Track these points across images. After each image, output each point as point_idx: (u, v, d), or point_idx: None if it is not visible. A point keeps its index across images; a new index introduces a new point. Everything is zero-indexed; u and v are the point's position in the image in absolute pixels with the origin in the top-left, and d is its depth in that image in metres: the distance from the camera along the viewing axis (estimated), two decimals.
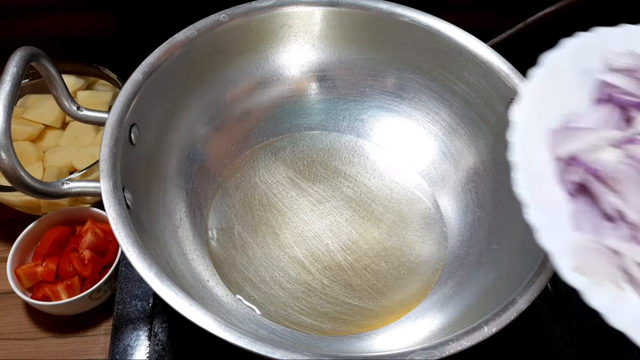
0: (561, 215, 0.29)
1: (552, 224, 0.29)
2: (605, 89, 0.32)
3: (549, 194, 0.30)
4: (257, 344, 0.36)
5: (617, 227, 0.28)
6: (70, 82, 0.69)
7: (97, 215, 0.60)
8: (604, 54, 0.33)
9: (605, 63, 0.32)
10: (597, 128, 0.30)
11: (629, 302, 0.29)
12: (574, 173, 0.29)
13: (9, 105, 0.41)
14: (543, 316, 0.55)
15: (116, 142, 0.46)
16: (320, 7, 0.59)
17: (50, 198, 0.44)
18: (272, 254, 0.57)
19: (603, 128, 0.30)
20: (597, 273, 0.28)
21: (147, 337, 0.54)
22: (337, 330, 0.52)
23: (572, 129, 0.30)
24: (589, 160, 0.29)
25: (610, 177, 0.28)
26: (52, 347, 0.58)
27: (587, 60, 0.33)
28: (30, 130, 0.65)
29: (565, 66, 0.33)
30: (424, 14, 0.57)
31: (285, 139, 0.65)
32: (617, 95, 0.31)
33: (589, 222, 0.29)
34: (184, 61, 0.55)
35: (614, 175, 0.28)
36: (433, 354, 0.37)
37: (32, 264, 0.57)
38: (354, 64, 0.63)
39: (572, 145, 0.29)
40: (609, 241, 0.28)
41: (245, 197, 0.61)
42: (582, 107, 0.31)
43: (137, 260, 0.40)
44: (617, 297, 0.28)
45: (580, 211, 0.29)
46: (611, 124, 0.30)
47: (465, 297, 0.51)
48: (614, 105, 0.31)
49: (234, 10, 0.56)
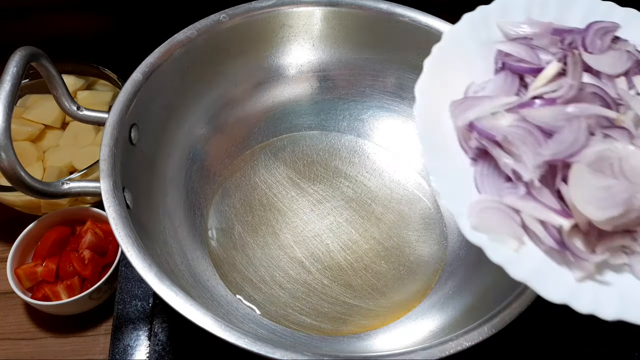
0: (465, 180, 0.31)
1: (456, 188, 0.30)
2: (502, 58, 0.33)
3: (453, 162, 0.31)
4: (257, 344, 0.36)
5: (516, 186, 0.30)
6: (70, 82, 0.69)
7: (97, 215, 0.60)
8: (502, 24, 0.34)
9: (504, 32, 0.34)
10: (495, 96, 0.31)
11: (529, 255, 0.30)
12: (473, 139, 0.31)
13: (9, 105, 0.41)
14: (543, 316, 0.55)
15: (116, 142, 0.46)
16: (320, 7, 0.59)
17: (50, 198, 0.44)
18: (272, 254, 0.57)
19: (501, 95, 0.31)
20: (497, 230, 0.30)
21: (147, 337, 0.54)
22: (337, 330, 0.52)
23: (471, 98, 0.31)
24: (485, 126, 0.30)
25: (505, 140, 0.30)
26: (52, 347, 0.58)
27: (489, 31, 0.35)
28: (30, 130, 0.65)
29: (468, 39, 0.34)
30: (424, 14, 0.57)
31: (285, 139, 0.65)
32: (511, 63, 0.32)
33: (490, 184, 0.31)
34: (184, 61, 0.55)
35: (508, 138, 0.30)
36: (433, 354, 0.37)
37: (32, 264, 0.57)
38: (354, 64, 0.63)
39: (470, 114, 0.31)
40: (508, 200, 0.30)
41: (245, 197, 0.61)
42: (484, 77, 0.33)
43: (137, 260, 0.40)
44: (518, 251, 0.30)
45: (482, 174, 0.31)
46: (510, 91, 0.32)
47: (465, 297, 0.51)
48: (511, 72, 0.32)
49: (234, 10, 0.57)
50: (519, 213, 0.30)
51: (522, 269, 0.29)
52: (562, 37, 0.33)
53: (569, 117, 0.30)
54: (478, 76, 0.33)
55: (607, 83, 0.32)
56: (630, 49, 0.33)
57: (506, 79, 0.33)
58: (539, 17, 0.36)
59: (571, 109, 0.30)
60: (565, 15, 0.36)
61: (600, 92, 0.31)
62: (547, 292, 0.29)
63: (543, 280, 0.29)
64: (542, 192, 0.30)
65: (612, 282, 0.30)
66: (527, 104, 0.31)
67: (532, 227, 0.30)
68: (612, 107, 0.31)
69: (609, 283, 0.30)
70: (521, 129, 0.30)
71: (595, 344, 0.56)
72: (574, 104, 0.30)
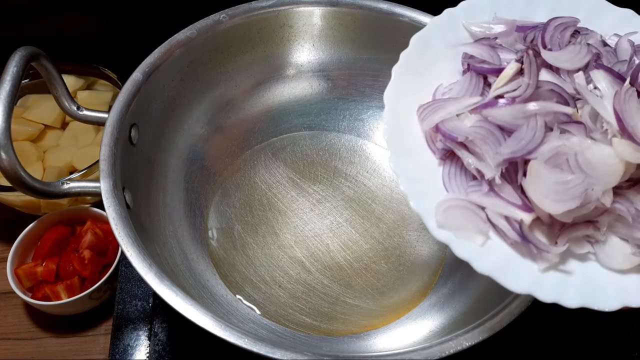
0: (433, 181, 0.32)
1: (424, 190, 0.31)
2: (467, 60, 0.34)
3: (421, 164, 0.32)
4: (257, 344, 0.36)
5: (480, 184, 0.31)
6: (70, 82, 0.69)
7: (97, 215, 0.60)
8: (468, 25, 0.35)
9: (471, 33, 0.35)
10: (461, 97, 0.32)
11: (494, 249, 0.31)
12: (439, 141, 0.32)
13: (9, 105, 0.41)
14: (542, 316, 0.55)
15: (116, 142, 0.46)
16: (320, 7, 0.59)
17: (50, 198, 0.44)
18: (272, 254, 0.57)
19: (466, 96, 0.32)
20: (462, 227, 0.31)
21: (147, 337, 0.54)
22: (337, 330, 0.52)
23: (437, 101, 0.33)
24: (449, 128, 0.31)
25: (468, 141, 0.31)
26: (52, 347, 0.58)
27: (456, 33, 0.35)
28: (30, 130, 0.65)
29: (435, 42, 0.35)
30: (424, 14, 0.57)
31: (285, 139, 0.65)
32: (475, 65, 0.33)
33: (457, 183, 0.32)
34: (184, 61, 0.55)
35: (470, 139, 0.31)
36: (433, 354, 0.37)
37: (32, 264, 0.57)
38: (354, 64, 0.63)
39: (435, 117, 0.32)
40: (473, 197, 0.31)
41: (245, 197, 0.61)
42: (452, 79, 0.34)
43: (137, 260, 0.40)
44: (484, 246, 0.31)
45: (449, 174, 0.32)
46: (475, 92, 0.33)
47: (465, 297, 0.51)
48: (475, 73, 0.33)
49: (234, 10, 0.57)
50: (484, 210, 0.31)
51: (487, 263, 0.30)
52: (525, 34, 0.34)
53: (526, 115, 0.30)
54: (446, 78, 0.34)
55: (566, 78, 0.32)
56: (592, 41, 0.34)
57: (471, 80, 0.33)
58: (506, 15, 0.36)
59: (529, 107, 0.30)
60: (531, 12, 0.37)
61: (557, 88, 0.31)
62: (511, 284, 0.30)
63: (507, 272, 0.30)
64: (505, 188, 0.31)
65: (576, 271, 0.31)
66: (489, 104, 0.31)
67: (496, 223, 0.31)
68: (570, 103, 0.31)
69: (574, 272, 0.31)
70: (483, 129, 0.31)
71: (595, 344, 0.56)
72: (531, 102, 0.31)
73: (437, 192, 0.32)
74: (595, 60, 0.33)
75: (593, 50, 0.33)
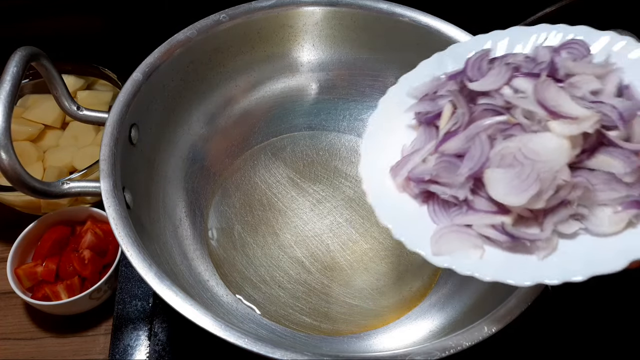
0: (421, 223, 0.36)
1: (416, 232, 0.35)
2: (417, 116, 0.40)
3: (406, 211, 0.36)
4: (257, 344, 0.36)
5: (461, 207, 0.35)
6: (70, 82, 0.69)
7: (97, 215, 0.60)
8: (412, 92, 0.41)
9: (416, 97, 0.41)
10: (421, 147, 0.37)
11: (492, 257, 0.34)
12: (413, 188, 0.37)
13: (9, 105, 0.41)
14: (543, 316, 0.55)
15: (116, 142, 0.46)
16: (320, 7, 0.59)
17: (50, 198, 0.44)
18: (272, 254, 0.57)
19: (425, 144, 0.37)
20: (457, 248, 0.34)
21: (147, 337, 0.54)
22: (337, 330, 0.52)
23: (404, 158, 0.38)
24: (417, 173, 0.36)
25: (435, 177, 0.36)
26: (52, 347, 0.58)
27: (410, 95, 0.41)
28: (30, 130, 0.65)
29: (395, 106, 0.41)
30: (424, 14, 0.57)
31: (285, 139, 0.65)
32: (422, 118, 0.39)
33: (443, 215, 0.36)
34: (184, 61, 0.55)
35: (435, 174, 0.36)
36: (433, 354, 0.37)
37: (32, 264, 0.57)
38: (354, 64, 0.63)
39: (404, 171, 0.37)
40: (458, 220, 0.35)
41: (245, 197, 0.61)
42: (412, 136, 0.39)
43: (137, 260, 0.40)
44: (482, 258, 0.34)
45: (434, 211, 0.36)
46: (430, 139, 0.38)
47: (465, 297, 0.51)
48: (426, 124, 0.39)
49: (234, 10, 0.56)
50: (471, 227, 0.35)
51: (490, 270, 0.33)
52: (456, 79, 0.39)
53: (471, 137, 0.35)
54: (409, 137, 0.39)
55: (496, 96, 0.36)
56: (512, 59, 0.38)
57: (425, 131, 0.39)
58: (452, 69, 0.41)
59: (470, 130, 0.35)
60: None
61: (489, 106, 0.36)
62: (517, 280, 0.33)
63: (511, 272, 0.33)
64: (479, 202, 0.34)
65: (575, 249, 0.34)
66: (441, 141, 0.36)
67: (485, 234, 0.34)
68: (504, 113, 0.36)
69: (573, 251, 0.34)
70: (443, 162, 0.36)
71: (595, 344, 0.56)
72: (471, 125, 0.35)
73: (426, 230, 0.35)
74: (516, 72, 0.37)
75: (512, 66, 0.37)
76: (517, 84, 0.36)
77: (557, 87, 0.34)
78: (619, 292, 0.60)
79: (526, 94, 0.35)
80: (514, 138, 0.34)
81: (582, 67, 0.36)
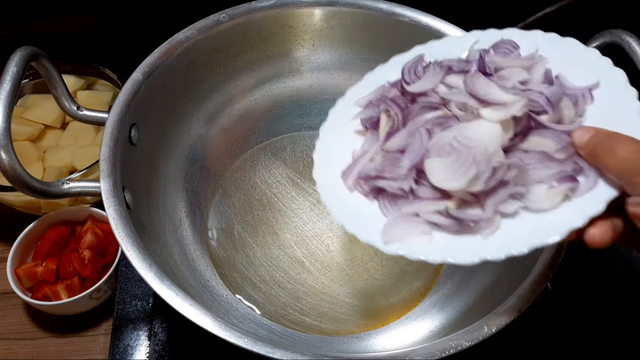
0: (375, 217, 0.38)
1: (369, 225, 0.37)
2: (363, 122, 0.42)
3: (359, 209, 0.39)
4: (257, 344, 0.36)
5: (407, 197, 0.37)
6: (70, 82, 0.69)
7: (97, 215, 0.60)
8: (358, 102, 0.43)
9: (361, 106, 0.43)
10: (368, 149, 0.40)
11: (441, 241, 0.36)
12: (364, 186, 0.39)
13: (9, 105, 0.41)
14: (543, 316, 0.55)
15: (116, 142, 0.46)
16: (320, 7, 0.59)
17: (50, 198, 0.44)
18: (272, 254, 0.57)
19: (372, 147, 0.40)
20: (407, 235, 0.36)
21: (147, 337, 0.54)
22: (337, 330, 0.52)
23: (353, 162, 0.40)
24: (365, 171, 0.39)
25: (381, 172, 0.38)
26: (52, 347, 0.58)
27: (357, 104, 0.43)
28: (30, 130, 0.65)
29: (343, 115, 0.43)
30: (424, 14, 0.57)
31: (285, 139, 0.65)
32: (367, 124, 0.42)
33: (392, 207, 0.38)
34: (184, 61, 0.55)
35: (380, 169, 0.38)
36: (433, 354, 0.37)
37: (32, 264, 0.57)
38: (354, 64, 0.63)
39: (354, 172, 0.39)
40: (405, 209, 0.37)
41: (245, 197, 0.61)
42: (361, 141, 0.42)
43: (137, 260, 0.40)
44: (431, 242, 0.36)
45: (384, 204, 0.38)
46: (376, 141, 0.40)
47: (465, 297, 0.51)
48: (372, 129, 0.41)
49: (234, 10, 0.56)
50: (419, 215, 0.37)
51: (439, 253, 0.35)
52: (396, 86, 0.42)
53: (412, 133, 0.38)
54: (358, 142, 0.42)
55: (432, 94, 0.39)
56: (446, 64, 0.41)
57: (371, 134, 0.41)
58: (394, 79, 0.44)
59: (409, 126, 0.38)
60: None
61: (425, 103, 0.39)
62: (465, 259, 0.34)
63: (459, 253, 0.35)
64: (423, 190, 0.37)
65: (517, 226, 0.35)
66: (385, 140, 0.39)
67: (432, 220, 0.36)
68: (440, 107, 0.38)
69: (515, 228, 0.35)
70: (387, 159, 0.38)
71: (595, 343, 0.57)
72: (409, 122, 0.38)
73: (378, 223, 0.38)
74: (447, 71, 0.40)
75: (445, 67, 0.40)
76: (450, 81, 0.39)
77: (486, 79, 0.37)
78: (619, 292, 0.60)
79: (458, 88, 0.38)
80: (451, 128, 0.36)
81: (509, 61, 0.39)
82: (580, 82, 0.38)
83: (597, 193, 0.34)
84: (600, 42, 0.52)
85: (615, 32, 0.51)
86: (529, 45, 0.41)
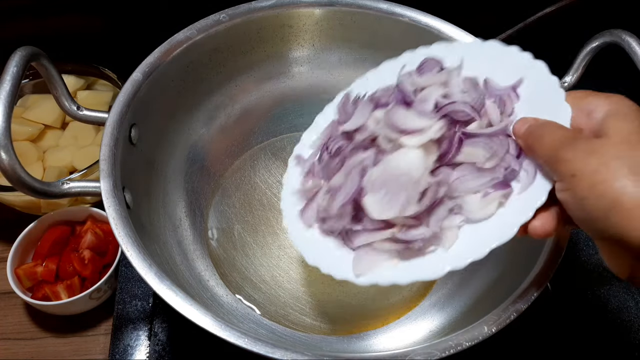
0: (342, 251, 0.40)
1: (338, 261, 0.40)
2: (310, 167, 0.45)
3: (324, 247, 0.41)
4: (257, 344, 0.36)
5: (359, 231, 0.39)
6: (70, 82, 0.69)
7: (97, 215, 0.60)
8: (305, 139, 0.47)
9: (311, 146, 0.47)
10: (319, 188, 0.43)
11: (405, 263, 0.38)
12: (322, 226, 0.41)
13: (9, 105, 0.41)
14: (543, 316, 0.55)
15: (116, 142, 0.46)
16: (320, 7, 0.59)
17: (50, 198, 0.44)
18: (272, 253, 0.57)
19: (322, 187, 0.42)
20: (372, 265, 0.38)
21: (147, 337, 0.54)
22: (337, 330, 0.52)
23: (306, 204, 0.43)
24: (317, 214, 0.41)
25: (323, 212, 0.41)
26: (52, 347, 0.58)
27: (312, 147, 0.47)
28: (30, 130, 0.65)
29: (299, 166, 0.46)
30: (424, 14, 0.57)
31: (285, 139, 0.65)
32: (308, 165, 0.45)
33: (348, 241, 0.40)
34: (184, 61, 0.55)
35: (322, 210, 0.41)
36: (433, 354, 0.37)
37: (32, 264, 0.57)
38: (354, 64, 0.63)
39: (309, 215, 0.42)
40: (358, 242, 0.39)
41: (245, 197, 0.61)
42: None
43: (137, 260, 0.40)
44: (397, 266, 0.38)
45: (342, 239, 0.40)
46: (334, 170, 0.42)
47: (465, 297, 0.51)
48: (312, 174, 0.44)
49: (234, 10, 0.56)
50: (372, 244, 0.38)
51: (407, 275, 0.37)
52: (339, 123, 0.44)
53: (347, 174, 0.40)
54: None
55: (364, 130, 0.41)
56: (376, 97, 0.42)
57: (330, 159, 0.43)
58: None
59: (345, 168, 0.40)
60: None
61: (358, 143, 0.40)
62: (431, 275, 0.36)
63: (425, 270, 0.37)
64: (370, 223, 0.38)
65: (463, 238, 0.37)
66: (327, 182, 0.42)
67: (384, 248, 0.38)
68: (369, 145, 0.40)
69: (471, 235, 0.37)
70: (325, 200, 0.40)
71: (595, 343, 0.57)
72: (342, 168, 0.40)
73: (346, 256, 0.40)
74: (376, 105, 0.41)
75: (373, 101, 0.41)
76: (376, 115, 0.41)
77: (404, 109, 0.38)
78: (618, 292, 0.60)
79: (383, 122, 0.39)
80: (380, 162, 0.38)
81: (427, 79, 0.40)
82: (508, 81, 0.39)
83: (538, 185, 0.35)
84: (600, 42, 0.52)
85: (615, 32, 0.50)
86: (455, 58, 0.42)
